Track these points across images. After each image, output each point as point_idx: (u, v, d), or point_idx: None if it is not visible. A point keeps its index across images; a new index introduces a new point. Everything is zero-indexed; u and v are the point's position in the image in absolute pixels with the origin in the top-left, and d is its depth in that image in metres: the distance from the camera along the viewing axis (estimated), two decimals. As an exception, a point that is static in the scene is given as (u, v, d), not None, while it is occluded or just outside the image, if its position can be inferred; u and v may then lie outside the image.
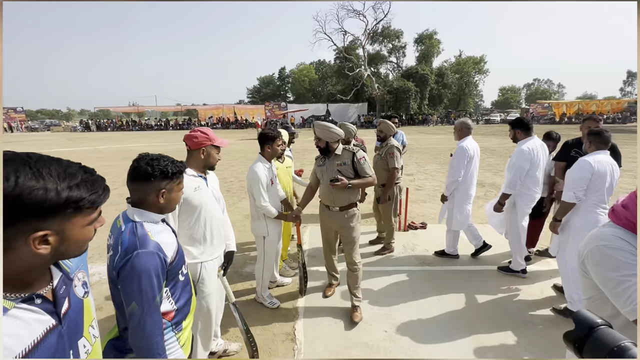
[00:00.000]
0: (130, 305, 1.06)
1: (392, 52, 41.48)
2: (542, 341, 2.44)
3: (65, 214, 0.66)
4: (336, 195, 2.58)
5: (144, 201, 1.18)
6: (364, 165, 2.57)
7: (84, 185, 0.69)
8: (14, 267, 0.65)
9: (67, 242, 0.69)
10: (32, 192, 0.61)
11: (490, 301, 2.95)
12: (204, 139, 1.93)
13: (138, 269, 1.05)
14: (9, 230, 0.61)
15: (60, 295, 0.74)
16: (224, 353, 2.34)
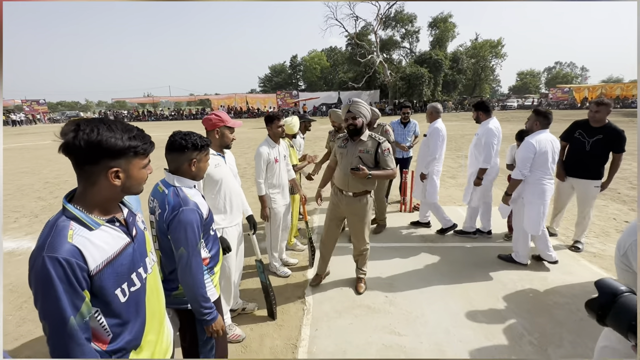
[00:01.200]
0: (180, 250, 1.36)
1: (405, 37, 40.49)
2: (529, 305, 2.67)
3: (129, 156, 0.94)
4: (352, 181, 2.58)
5: (179, 169, 1.48)
6: (387, 158, 2.55)
7: (138, 136, 0.97)
8: (98, 197, 0.94)
9: (131, 179, 0.97)
10: (108, 140, 0.89)
11: (485, 273, 3.18)
12: (217, 121, 2.21)
13: (184, 221, 1.35)
14: (94, 168, 0.90)
15: (130, 223, 1.04)
16: (243, 311, 2.68)
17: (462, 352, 2.20)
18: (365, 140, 2.58)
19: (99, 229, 0.93)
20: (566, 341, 2.28)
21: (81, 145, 0.85)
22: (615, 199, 5.41)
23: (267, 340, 2.38)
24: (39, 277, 0.83)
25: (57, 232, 0.87)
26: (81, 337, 0.88)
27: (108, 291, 0.94)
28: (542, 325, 2.44)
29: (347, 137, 2.65)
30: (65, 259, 0.84)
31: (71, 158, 0.89)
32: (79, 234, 0.89)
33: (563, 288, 2.90)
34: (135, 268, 1.02)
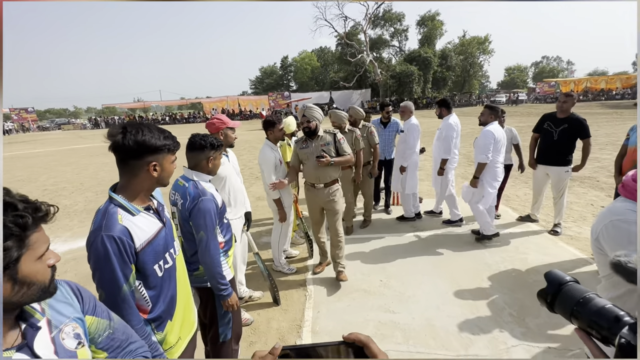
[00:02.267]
0: (200, 234, 1.58)
1: (394, 36, 41.00)
2: (510, 283, 2.94)
3: (163, 153, 1.15)
4: (321, 172, 2.88)
5: (198, 165, 1.70)
6: (343, 145, 2.95)
7: (170, 137, 1.19)
8: (139, 187, 1.15)
9: (164, 171, 1.18)
10: (150, 139, 1.10)
11: (471, 256, 3.45)
12: (220, 124, 2.45)
13: (203, 209, 1.57)
14: (138, 162, 1.10)
15: (161, 212, 1.25)
16: (250, 299, 2.90)
17: (450, 325, 2.45)
18: (323, 135, 2.93)
19: (139, 214, 1.14)
20: (543, 311, 2.54)
21: (130, 144, 1.06)
22: (594, 186, 5.75)
23: (273, 323, 2.61)
24: (99, 253, 1.03)
25: (109, 216, 1.07)
26: (131, 301, 1.10)
27: (148, 266, 1.15)
28: (522, 299, 2.71)
29: (304, 138, 2.96)
30: (119, 237, 1.05)
31: (118, 155, 1.10)
32: (126, 218, 1.10)
33: (541, 267, 3.18)
34: (168, 248, 1.24)
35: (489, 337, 2.32)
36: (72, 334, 0.76)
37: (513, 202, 5.14)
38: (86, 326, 0.82)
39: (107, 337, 0.86)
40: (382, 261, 3.44)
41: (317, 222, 3.15)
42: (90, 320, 0.83)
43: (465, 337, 2.33)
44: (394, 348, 2.26)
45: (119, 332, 0.90)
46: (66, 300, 0.79)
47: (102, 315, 0.87)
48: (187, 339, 1.32)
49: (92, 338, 0.83)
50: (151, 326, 1.17)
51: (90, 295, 0.87)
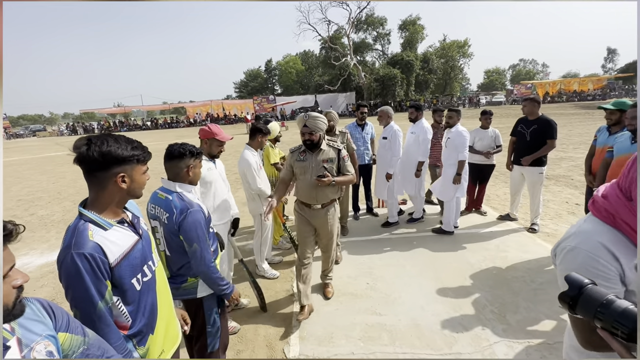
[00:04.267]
0: (193, 246, 1.57)
1: (377, 40, 41.72)
2: (492, 280, 3.04)
3: (132, 163, 1.12)
4: (320, 192, 2.53)
5: (178, 175, 1.67)
6: (347, 163, 2.61)
7: (139, 147, 1.16)
8: (109, 200, 1.11)
9: (135, 182, 1.14)
10: (116, 150, 1.07)
11: (455, 256, 3.53)
12: (208, 133, 2.44)
13: (193, 222, 1.56)
14: (105, 174, 1.07)
15: (136, 224, 1.22)
16: (236, 307, 2.87)
17: (434, 324, 2.50)
18: (325, 149, 2.56)
19: (112, 228, 1.11)
20: (522, 308, 2.64)
21: (94, 155, 1.03)
22: (569, 184, 6.00)
23: (261, 330, 2.59)
24: (70, 272, 1.00)
25: (79, 233, 1.04)
26: (109, 319, 1.07)
27: (125, 281, 1.12)
28: (502, 296, 2.80)
29: (303, 149, 2.57)
30: (90, 254, 1.01)
31: (84, 167, 1.06)
32: (98, 234, 1.06)
33: (520, 264, 3.30)
34: (146, 261, 1.21)
35: (472, 334, 2.38)
36: (44, 352, 0.75)
37: (493, 201, 5.30)
38: (59, 343, 0.81)
39: (81, 353, 0.85)
40: (369, 264, 3.48)
41: (307, 244, 2.73)
42: (63, 337, 0.82)
43: (449, 335, 2.39)
44: (380, 350, 2.29)
45: (94, 347, 0.88)
46: (37, 319, 0.78)
47: (75, 331, 0.85)
48: (170, 351, 1.30)
49: (66, 355, 0.82)
50: (132, 342, 1.14)
51: (62, 312, 0.85)
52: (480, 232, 4.10)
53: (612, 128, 3.08)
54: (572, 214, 4.58)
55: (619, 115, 3.00)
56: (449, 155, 3.94)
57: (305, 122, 2.43)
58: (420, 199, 4.42)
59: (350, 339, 2.40)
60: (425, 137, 4.07)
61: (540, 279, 3.02)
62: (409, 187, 4.36)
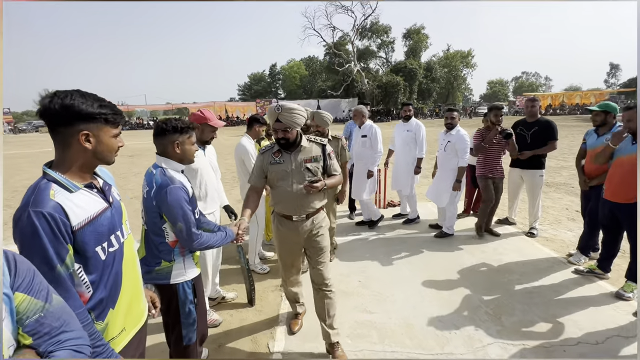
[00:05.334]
0: (178, 225, 1.50)
1: (381, 47, 41.94)
2: (487, 282, 2.94)
3: (99, 122, 1.03)
4: (304, 201, 2.00)
5: (165, 151, 1.61)
6: (334, 161, 2.15)
7: (108, 106, 1.07)
8: (73, 161, 1.03)
9: (101, 144, 1.04)
10: (80, 104, 0.99)
11: (450, 257, 3.45)
12: (201, 118, 2.37)
13: (175, 199, 1.49)
14: (67, 130, 0.99)
15: (107, 191, 1.14)
16: (223, 300, 2.78)
17: (426, 324, 2.41)
18: (307, 146, 2.04)
19: (78, 192, 1.03)
20: (517, 310, 2.55)
21: (56, 108, 0.96)
22: (569, 192, 5.92)
23: (246, 324, 2.50)
24: (26, 231, 0.92)
25: (39, 191, 0.95)
26: (68, 283, 0.98)
27: (89, 247, 1.03)
28: (497, 298, 2.71)
29: (277, 149, 2.04)
30: (49, 213, 0.93)
31: (47, 122, 0.99)
32: (61, 194, 0.98)
33: (517, 267, 3.20)
34: (114, 230, 1.13)
35: (465, 335, 2.29)
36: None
37: (492, 206, 5.21)
38: (13, 304, 0.72)
39: (35, 321, 0.75)
40: (362, 263, 3.40)
41: (291, 264, 2.26)
42: (20, 298, 0.73)
43: (442, 335, 2.29)
44: (369, 348, 2.20)
45: (52, 317, 0.79)
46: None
47: (37, 295, 0.77)
48: (133, 330, 1.21)
49: (20, 319, 0.73)
50: (91, 315, 1.06)
51: (29, 271, 0.77)
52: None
53: (600, 130, 3.10)
54: (572, 220, 4.49)
55: (603, 116, 3.06)
56: (448, 159, 3.84)
57: (277, 115, 1.88)
58: (414, 198, 4.38)
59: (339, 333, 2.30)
60: (422, 133, 4.09)
61: (537, 282, 2.92)
62: (405, 186, 4.29)
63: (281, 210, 2.09)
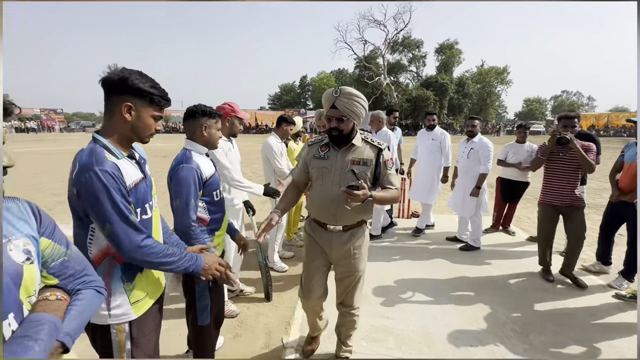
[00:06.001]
0: (176, 201, 1.57)
1: (412, 62, 41.76)
2: (517, 300, 2.77)
3: (144, 100, 1.10)
4: (342, 208, 1.68)
5: (194, 134, 1.70)
6: (391, 172, 1.75)
7: (159, 90, 1.15)
8: (115, 130, 1.10)
9: (140, 120, 1.11)
10: (134, 80, 1.07)
11: (477, 271, 3.29)
12: (229, 110, 2.47)
13: (182, 177, 1.56)
14: (116, 99, 1.07)
15: (142, 164, 1.22)
16: (241, 292, 2.83)
17: (447, 335, 2.30)
18: (359, 146, 1.73)
19: (123, 159, 1.12)
20: (548, 330, 2.37)
21: (114, 78, 1.06)
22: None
23: (262, 318, 2.52)
24: (95, 187, 1.00)
25: (97, 154, 1.04)
26: (142, 228, 1.09)
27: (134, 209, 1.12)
28: (527, 316, 2.54)
29: (326, 143, 1.78)
30: (113, 172, 1.03)
31: (104, 90, 1.08)
32: (112, 159, 1.07)
33: (550, 286, 2.99)
34: (148, 200, 1.20)
35: (488, 350, 2.16)
36: (21, 248, 0.74)
37: (524, 223, 4.95)
38: (40, 247, 0.79)
39: (60, 264, 0.83)
40: (382, 269, 3.33)
41: (316, 283, 1.89)
42: (45, 243, 0.81)
43: (462, 347, 2.18)
44: (385, 352, 2.13)
45: (75, 262, 0.86)
46: (22, 217, 0.77)
47: (59, 241, 0.84)
48: (154, 298, 1.26)
49: (45, 262, 0.80)
50: (122, 277, 1.13)
51: (50, 221, 0.84)
52: (508, 251, 3.81)
53: None
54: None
55: None
56: (470, 167, 3.75)
57: (334, 100, 1.61)
58: (430, 208, 4.33)
59: (353, 338, 2.26)
60: (447, 142, 4.06)
61: (573, 303, 2.72)
62: (428, 196, 4.20)
63: (315, 214, 1.83)
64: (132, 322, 1.16)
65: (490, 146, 3.65)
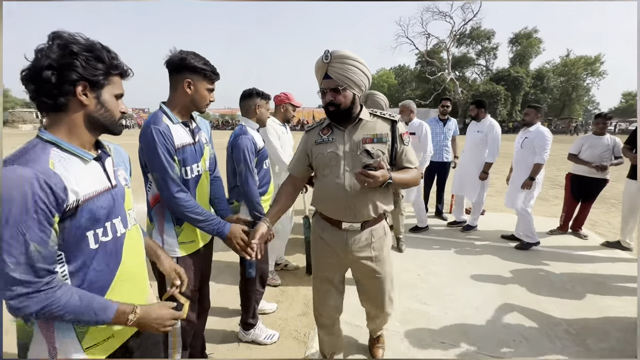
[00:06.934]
0: (239, 167, 1.82)
1: (481, 54, 38.56)
2: (577, 304, 2.51)
3: (200, 75, 1.33)
4: (359, 201, 1.43)
5: (248, 111, 1.96)
6: (408, 147, 1.49)
7: (210, 66, 1.36)
8: (177, 101, 1.34)
9: (198, 93, 1.34)
10: (191, 59, 1.30)
11: (532, 271, 3.03)
12: (284, 98, 2.70)
13: (241, 145, 1.80)
14: (178, 77, 1.31)
15: (196, 132, 1.44)
16: (285, 267, 3.05)
17: (488, 328, 2.21)
18: (369, 120, 1.46)
19: (177, 124, 1.36)
20: (613, 338, 2.12)
21: (175, 60, 1.31)
22: None
23: (302, 290, 2.70)
24: (148, 140, 1.26)
25: (157, 116, 1.32)
26: (180, 184, 1.32)
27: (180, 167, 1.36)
28: (587, 320, 2.29)
29: (328, 123, 1.49)
30: (163, 131, 1.28)
31: (168, 69, 1.33)
32: (167, 122, 1.32)
33: (625, 296, 2.62)
34: (196, 160, 1.41)
35: (532, 346, 2.02)
36: (123, 177, 0.97)
37: (601, 227, 4.35)
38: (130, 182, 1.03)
39: None
40: (425, 258, 3.27)
41: (329, 297, 1.63)
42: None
43: (503, 340, 2.07)
44: (417, 334, 2.14)
45: None
46: (123, 160, 1.03)
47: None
48: (203, 242, 1.50)
49: None
50: (173, 219, 1.39)
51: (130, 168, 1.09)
52: (573, 254, 3.41)
53: None
54: None
55: None
56: (524, 158, 3.47)
57: (326, 67, 1.33)
58: (480, 206, 4.00)
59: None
60: (495, 136, 3.69)
61: (650, 314, 2.36)
62: (470, 191, 3.94)
63: (325, 212, 1.52)
64: (178, 259, 1.40)
65: (547, 135, 3.33)
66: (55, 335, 0.82)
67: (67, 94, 0.79)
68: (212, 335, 2.08)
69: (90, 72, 0.80)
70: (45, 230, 0.74)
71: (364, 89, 1.41)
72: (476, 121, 3.93)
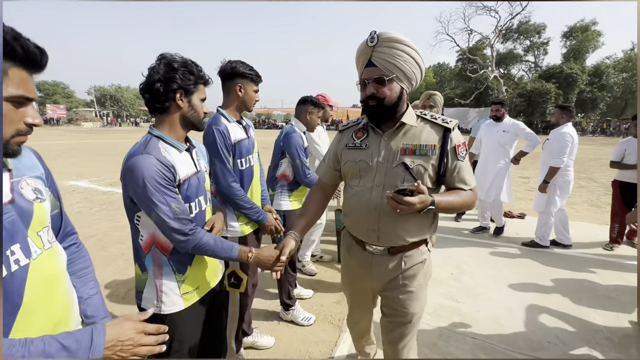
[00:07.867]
0: (295, 161, 2.10)
1: (530, 50, 36.08)
2: (623, 313, 2.41)
3: (248, 79, 1.57)
4: (389, 221, 1.17)
5: (300, 115, 2.22)
6: (464, 163, 1.18)
7: (255, 71, 1.59)
8: (231, 104, 1.59)
9: (247, 95, 1.59)
10: (239, 67, 1.54)
11: (575, 277, 2.93)
12: (322, 100, 2.89)
13: (293, 142, 2.08)
14: (230, 83, 1.55)
15: (247, 128, 1.67)
16: (320, 259, 3.24)
17: (521, 328, 2.22)
18: (414, 124, 1.18)
19: (233, 123, 1.60)
20: (660, 349, 2.03)
21: (227, 68, 1.55)
22: None
23: (336, 280, 2.86)
24: (211, 138, 1.50)
25: (216, 118, 1.56)
26: (234, 174, 1.56)
27: (235, 160, 1.59)
28: (633, 329, 2.21)
29: (364, 124, 1.26)
30: (222, 130, 1.51)
31: (220, 77, 1.57)
32: (225, 122, 1.56)
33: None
34: (249, 153, 1.66)
35: (569, 349, 2.01)
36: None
37: (660, 238, 4.01)
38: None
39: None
40: (458, 258, 3.29)
41: (361, 313, 1.52)
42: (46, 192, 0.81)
43: (536, 341, 2.08)
44: (448, 328, 2.21)
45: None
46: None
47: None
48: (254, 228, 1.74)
49: None
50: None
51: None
52: (624, 263, 3.23)
53: None
54: None
55: None
56: (545, 160, 3.45)
57: (370, 52, 1.09)
58: (500, 206, 3.91)
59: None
60: (526, 130, 3.67)
61: None
62: (492, 192, 3.80)
63: (350, 229, 1.33)
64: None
65: (567, 138, 3.23)
66: (163, 282, 1.08)
67: (170, 99, 1.03)
68: (256, 313, 2.32)
69: (185, 82, 1.03)
70: (175, 195, 1.01)
71: (415, 83, 1.15)
72: (498, 121, 3.81)
